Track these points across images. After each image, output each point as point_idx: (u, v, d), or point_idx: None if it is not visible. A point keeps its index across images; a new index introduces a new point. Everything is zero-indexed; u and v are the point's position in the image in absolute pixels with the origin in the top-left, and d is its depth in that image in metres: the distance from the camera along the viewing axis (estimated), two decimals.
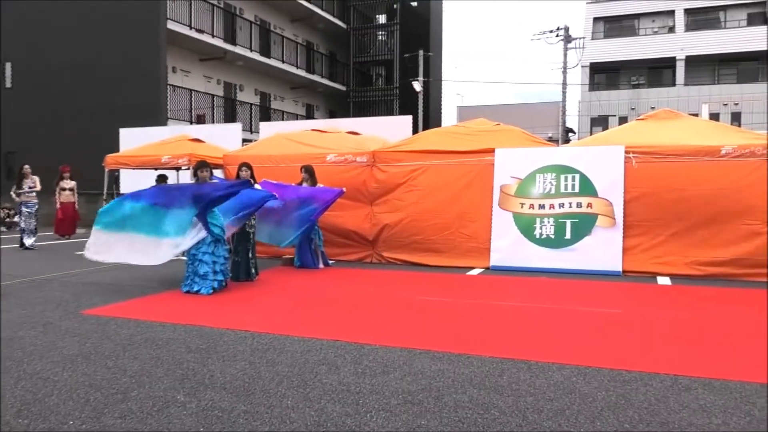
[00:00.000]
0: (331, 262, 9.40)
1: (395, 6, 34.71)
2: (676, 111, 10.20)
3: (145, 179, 12.31)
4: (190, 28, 21.44)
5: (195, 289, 6.85)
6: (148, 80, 19.99)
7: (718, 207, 8.00)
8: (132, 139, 15.21)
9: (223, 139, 13.83)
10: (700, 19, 35.49)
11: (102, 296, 6.79)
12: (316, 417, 3.27)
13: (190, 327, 5.28)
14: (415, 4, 37.53)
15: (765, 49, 32.02)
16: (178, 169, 11.37)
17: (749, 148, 8.03)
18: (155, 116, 19.30)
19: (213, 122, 22.22)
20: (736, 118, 30.83)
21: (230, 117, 23.80)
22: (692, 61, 33.94)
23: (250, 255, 7.93)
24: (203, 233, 6.83)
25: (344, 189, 9.02)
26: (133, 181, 14.17)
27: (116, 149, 15.03)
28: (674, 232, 8.18)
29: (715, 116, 27.51)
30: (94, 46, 20.52)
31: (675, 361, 4.29)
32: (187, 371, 4.04)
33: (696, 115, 17.60)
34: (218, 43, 22.71)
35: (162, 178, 11.64)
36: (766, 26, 32.97)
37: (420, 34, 35.59)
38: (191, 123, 21.36)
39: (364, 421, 3.21)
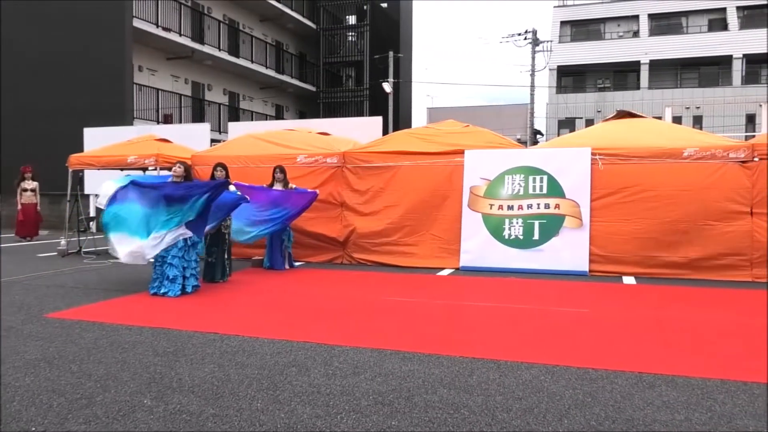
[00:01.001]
0: (297, 263, 9.35)
1: (365, 7, 34.75)
2: (639, 112, 10.41)
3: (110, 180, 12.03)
4: (157, 26, 21.10)
5: (162, 291, 6.75)
6: (114, 79, 19.60)
7: (681, 208, 8.19)
8: (97, 139, 14.87)
9: (191, 139, 13.62)
10: (663, 24, 36.33)
11: (66, 299, 6.64)
12: (286, 419, 3.25)
13: (157, 330, 5.20)
14: (385, 5, 37.60)
15: (725, 54, 32.95)
16: (144, 169, 11.17)
17: (710, 151, 8.25)
18: (121, 116, 18.93)
19: (180, 122, 21.89)
20: (697, 121, 31.65)
21: (198, 117, 23.50)
22: (656, 65, 34.71)
23: (226, 256, 7.88)
24: (179, 234, 6.73)
25: (317, 192, 8.99)
26: (97, 181, 13.87)
27: (80, 149, 14.69)
28: (639, 232, 8.34)
29: (677, 119, 28.17)
30: (58, 43, 20.04)
31: (640, 359, 4.39)
32: (154, 375, 3.98)
33: (659, 118, 17.98)
34: (186, 41, 22.40)
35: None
36: (725, 32, 33.91)
37: (390, 36, 35.68)
38: (158, 123, 21.02)
39: (334, 423, 3.21)
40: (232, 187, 8.04)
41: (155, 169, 10.70)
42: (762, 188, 7.94)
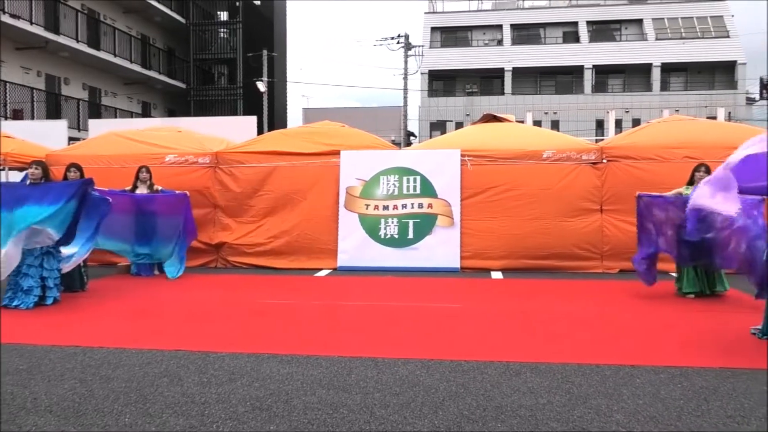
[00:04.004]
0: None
1: (237, 3, 33.88)
2: (504, 116, 11.03)
3: None
4: (3, 12, 19.19)
5: (15, 304, 6.14)
6: None
7: (541, 206, 8.79)
8: None
9: (45, 137, 12.54)
10: (523, 35, 38.77)
11: None
12: None
13: (8, 346, 4.72)
14: (258, 2, 36.90)
15: (578, 64, 35.79)
16: None
17: (566, 153, 8.93)
18: None
19: (33, 118, 20.10)
20: (555, 125, 34.10)
21: (54, 113, 21.71)
22: (518, 73, 36.98)
23: (81, 263, 7.27)
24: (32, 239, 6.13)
25: (187, 193, 8.61)
26: None
27: None
28: (505, 229, 8.84)
29: (538, 123, 30.20)
30: None
31: (507, 349, 4.66)
32: (5, 395, 3.62)
33: (522, 121, 19.19)
34: (38, 31, 20.58)
35: None
36: (577, 44, 36.86)
37: (264, 34, 35.07)
38: (6, 118, 19.14)
39: None
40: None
41: (2, 169, 9.74)
42: (610, 187, 8.71)
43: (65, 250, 6.58)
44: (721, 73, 35.97)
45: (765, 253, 4.65)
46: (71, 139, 16.34)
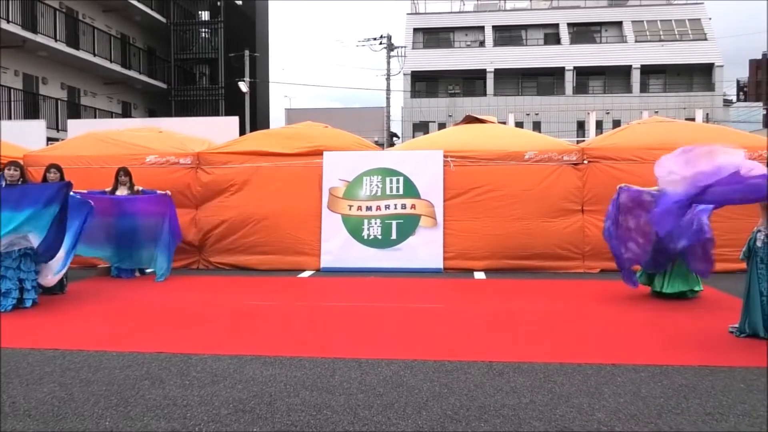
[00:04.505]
0: (149, 270, 8.78)
1: (219, 3, 33.66)
2: (487, 117, 11.09)
3: None
4: None
5: None
6: None
7: (523, 206, 8.84)
8: None
9: (23, 137, 12.36)
10: (505, 36, 39.03)
11: None
12: None
13: None
14: (239, 2, 36.69)
15: (559, 66, 36.12)
16: None
17: (547, 153, 9.00)
18: None
19: (10, 118, 19.78)
20: (537, 126, 34.35)
21: (32, 113, 21.38)
22: (500, 74, 37.21)
23: None
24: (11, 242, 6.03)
25: (168, 192, 8.54)
26: None
27: None
28: (487, 229, 8.88)
29: (519, 124, 30.40)
30: None
31: (490, 349, 4.68)
32: None
33: (504, 123, 19.31)
34: (15, 29, 20.25)
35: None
36: (558, 45, 37.20)
37: (246, 34, 34.89)
38: None
39: None
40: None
41: None
42: (591, 188, 8.79)
43: (52, 263, 6.47)
44: (699, 76, 36.54)
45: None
46: (50, 139, 16.12)
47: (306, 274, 8.74)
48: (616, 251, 6.80)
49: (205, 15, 35.57)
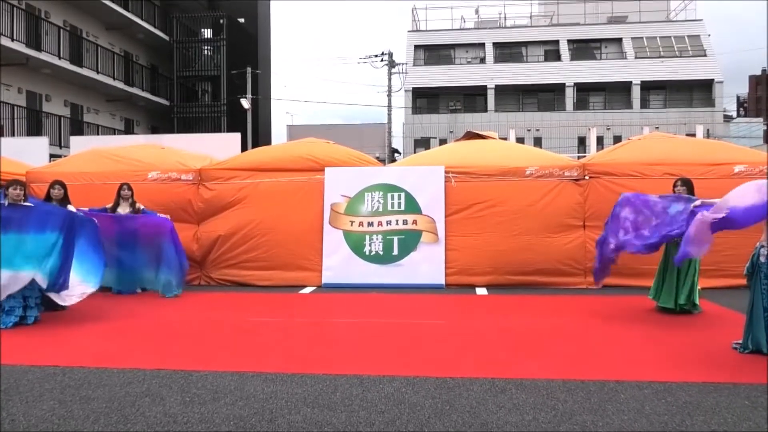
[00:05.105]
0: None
1: (222, 21, 33.96)
2: (488, 133, 11.12)
3: None
4: None
5: None
6: None
7: (525, 222, 8.84)
8: None
9: (26, 154, 12.42)
10: (506, 53, 39.26)
11: None
12: None
13: None
14: (242, 20, 37.02)
15: (559, 82, 36.30)
16: None
17: (548, 169, 9.01)
18: None
19: (14, 135, 19.88)
20: (538, 142, 34.43)
21: (35, 130, 21.49)
22: (500, 90, 37.37)
23: None
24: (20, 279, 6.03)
25: (169, 217, 8.49)
26: None
27: None
28: (489, 245, 8.87)
29: (520, 140, 30.48)
30: None
31: (492, 366, 4.65)
32: None
33: (505, 138, 19.35)
34: (19, 47, 20.43)
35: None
36: (559, 62, 37.41)
37: (248, 51, 35.15)
38: None
39: None
40: (71, 207, 7.37)
41: None
42: (593, 203, 8.80)
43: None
44: (699, 91, 36.67)
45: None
46: (52, 156, 16.18)
47: (307, 290, 8.72)
48: (601, 248, 6.91)
49: (207, 33, 35.87)
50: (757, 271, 4.96)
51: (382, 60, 34.38)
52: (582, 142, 34.00)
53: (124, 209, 8.39)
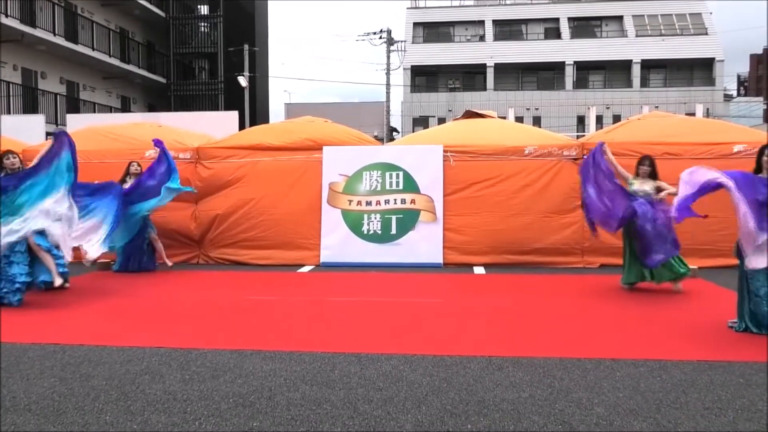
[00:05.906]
0: (159, 263, 8.73)
1: None
2: (487, 112, 11.08)
3: None
4: None
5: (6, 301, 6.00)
6: None
7: (524, 201, 8.84)
8: None
9: (22, 132, 12.37)
10: (505, 30, 38.96)
11: None
12: (139, 430, 3.07)
13: None
14: None
15: (559, 60, 36.06)
16: None
17: (547, 149, 8.99)
18: None
19: (9, 113, 19.75)
20: (537, 121, 34.33)
21: (30, 108, 21.34)
22: (500, 69, 37.14)
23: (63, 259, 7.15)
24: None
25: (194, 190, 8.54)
26: None
27: None
28: (487, 224, 8.88)
29: (519, 119, 30.35)
30: None
31: (489, 344, 4.69)
32: None
33: (504, 117, 19.27)
34: (13, 23, 20.19)
35: None
36: (559, 40, 37.13)
37: (245, 28, 34.78)
38: None
39: (192, 429, 3.09)
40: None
41: None
42: None
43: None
44: (700, 70, 36.50)
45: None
46: (49, 134, 16.08)
47: (306, 269, 8.75)
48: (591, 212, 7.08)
49: (204, 9, 35.49)
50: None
51: (380, 37, 34.08)
52: (581, 121, 33.91)
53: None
